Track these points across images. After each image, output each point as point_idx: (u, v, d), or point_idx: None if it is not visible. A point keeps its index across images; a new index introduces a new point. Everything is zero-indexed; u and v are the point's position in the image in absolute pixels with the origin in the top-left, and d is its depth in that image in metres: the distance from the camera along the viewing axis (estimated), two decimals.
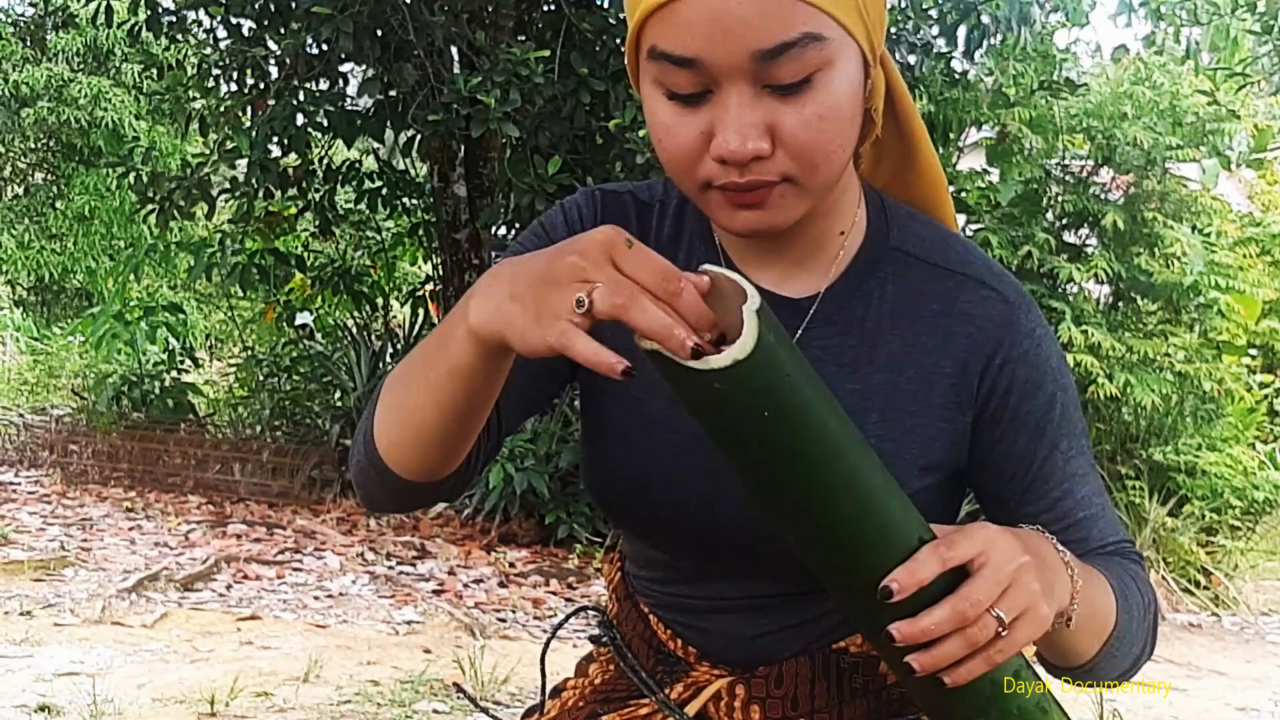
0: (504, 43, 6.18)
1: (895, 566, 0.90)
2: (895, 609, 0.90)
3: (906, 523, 0.93)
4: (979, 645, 0.92)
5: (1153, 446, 6.76)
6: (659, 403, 1.22)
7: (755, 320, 0.82)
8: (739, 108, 1.03)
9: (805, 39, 1.01)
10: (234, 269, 7.35)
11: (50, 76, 13.60)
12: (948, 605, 0.91)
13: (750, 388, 0.84)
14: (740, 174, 1.05)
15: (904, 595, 0.90)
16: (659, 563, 1.29)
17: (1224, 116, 7.20)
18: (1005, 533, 0.96)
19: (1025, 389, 1.18)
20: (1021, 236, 6.85)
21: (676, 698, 1.27)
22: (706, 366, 0.82)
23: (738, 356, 0.82)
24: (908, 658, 0.92)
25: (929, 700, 1.00)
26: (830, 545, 0.92)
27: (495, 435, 1.23)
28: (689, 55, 1.02)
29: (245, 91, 7.15)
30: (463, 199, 7.11)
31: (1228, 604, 6.40)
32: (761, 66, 1.01)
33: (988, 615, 0.91)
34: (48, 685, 3.87)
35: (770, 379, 0.84)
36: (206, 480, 7.58)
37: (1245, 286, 7.04)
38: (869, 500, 0.90)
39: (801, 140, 1.04)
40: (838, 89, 1.04)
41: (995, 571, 0.92)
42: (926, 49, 6.95)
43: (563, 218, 1.28)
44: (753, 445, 0.87)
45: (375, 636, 4.80)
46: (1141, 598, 1.18)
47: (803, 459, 0.88)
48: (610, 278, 0.87)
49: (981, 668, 0.93)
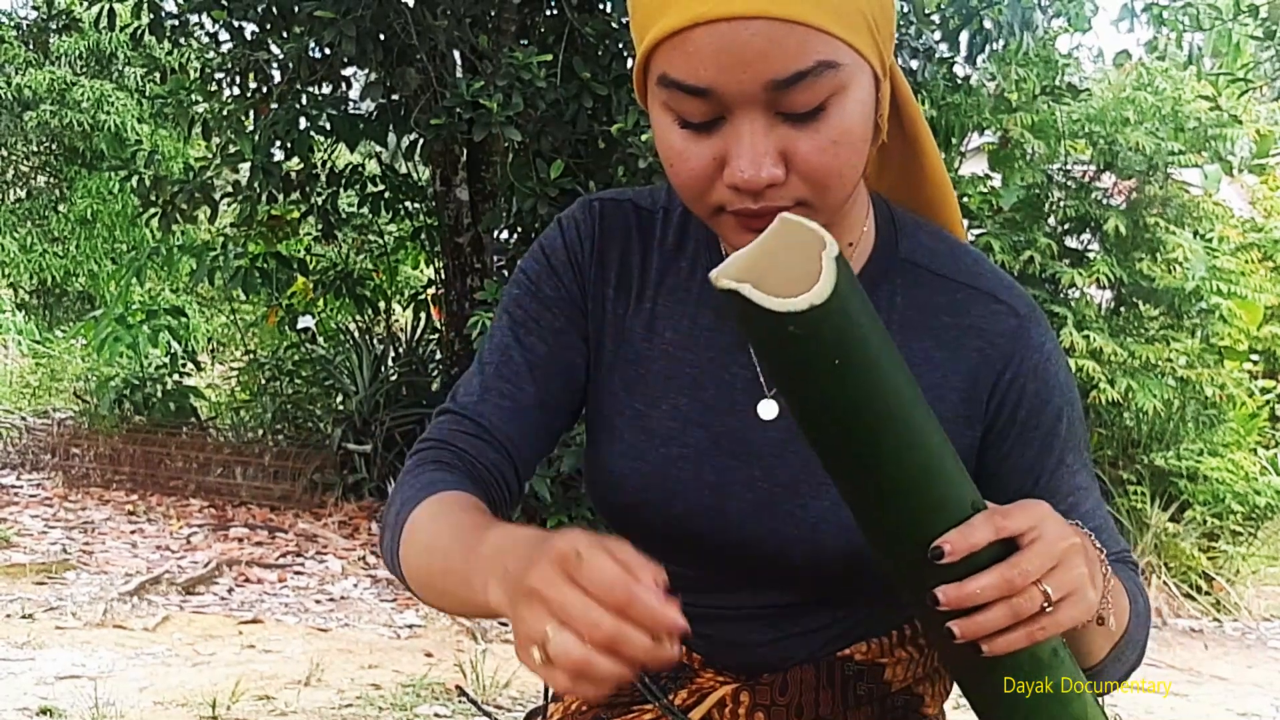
0: (506, 47, 6.18)
1: (949, 529, 0.90)
2: (943, 572, 0.90)
3: (962, 487, 0.93)
4: (1022, 617, 0.91)
5: (1154, 452, 6.76)
6: (662, 415, 1.22)
7: (834, 267, 0.82)
8: (753, 136, 1.02)
9: (820, 67, 1.00)
10: (236, 272, 7.34)
11: (53, 80, 13.59)
12: (996, 572, 0.90)
13: (824, 334, 0.83)
14: (754, 201, 1.05)
15: (955, 558, 0.89)
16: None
17: (1226, 122, 7.20)
18: (1057, 515, 0.96)
19: (1034, 403, 1.18)
20: (1023, 241, 6.85)
21: (681, 704, 1.27)
22: (784, 308, 0.82)
23: (814, 301, 0.81)
24: (949, 623, 0.91)
25: (963, 669, 0.99)
26: (887, 501, 0.91)
27: (518, 494, 1.25)
28: (702, 85, 1.02)
29: (248, 95, 7.15)
30: (465, 203, 7.10)
31: (1229, 609, 6.39)
32: (775, 95, 1.01)
33: (1034, 588, 0.91)
34: (49, 688, 3.87)
35: (844, 327, 0.84)
36: (208, 484, 7.58)
37: (1247, 292, 7.04)
38: (929, 460, 0.90)
39: (815, 165, 1.04)
40: (851, 113, 1.04)
41: (1046, 547, 0.92)
42: (929, 54, 6.95)
43: (561, 239, 1.27)
44: (821, 393, 0.86)
45: (377, 640, 4.80)
46: (1145, 606, 1.19)
47: (869, 411, 0.87)
48: (566, 603, 0.83)
49: (1021, 641, 0.92)
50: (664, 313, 1.24)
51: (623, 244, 1.27)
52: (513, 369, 1.24)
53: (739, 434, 1.21)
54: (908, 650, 1.27)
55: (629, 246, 1.27)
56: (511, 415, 1.23)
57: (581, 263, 1.26)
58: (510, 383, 1.24)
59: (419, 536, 1.09)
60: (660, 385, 1.23)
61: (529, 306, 1.26)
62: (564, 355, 1.25)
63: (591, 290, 1.26)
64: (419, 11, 6.11)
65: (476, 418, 1.23)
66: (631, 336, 1.25)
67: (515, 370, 1.24)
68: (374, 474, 7.41)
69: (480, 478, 1.21)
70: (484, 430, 1.22)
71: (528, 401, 1.23)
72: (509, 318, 1.27)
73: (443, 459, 1.21)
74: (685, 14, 1.00)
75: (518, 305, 1.27)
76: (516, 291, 1.27)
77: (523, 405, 1.23)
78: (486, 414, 1.23)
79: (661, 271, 1.25)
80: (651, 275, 1.25)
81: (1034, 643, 0.93)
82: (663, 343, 1.23)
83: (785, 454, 1.19)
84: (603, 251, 1.26)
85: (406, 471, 1.21)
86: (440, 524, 1.08)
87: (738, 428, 1.21)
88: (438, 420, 1.25)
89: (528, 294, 1.26)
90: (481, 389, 1.24)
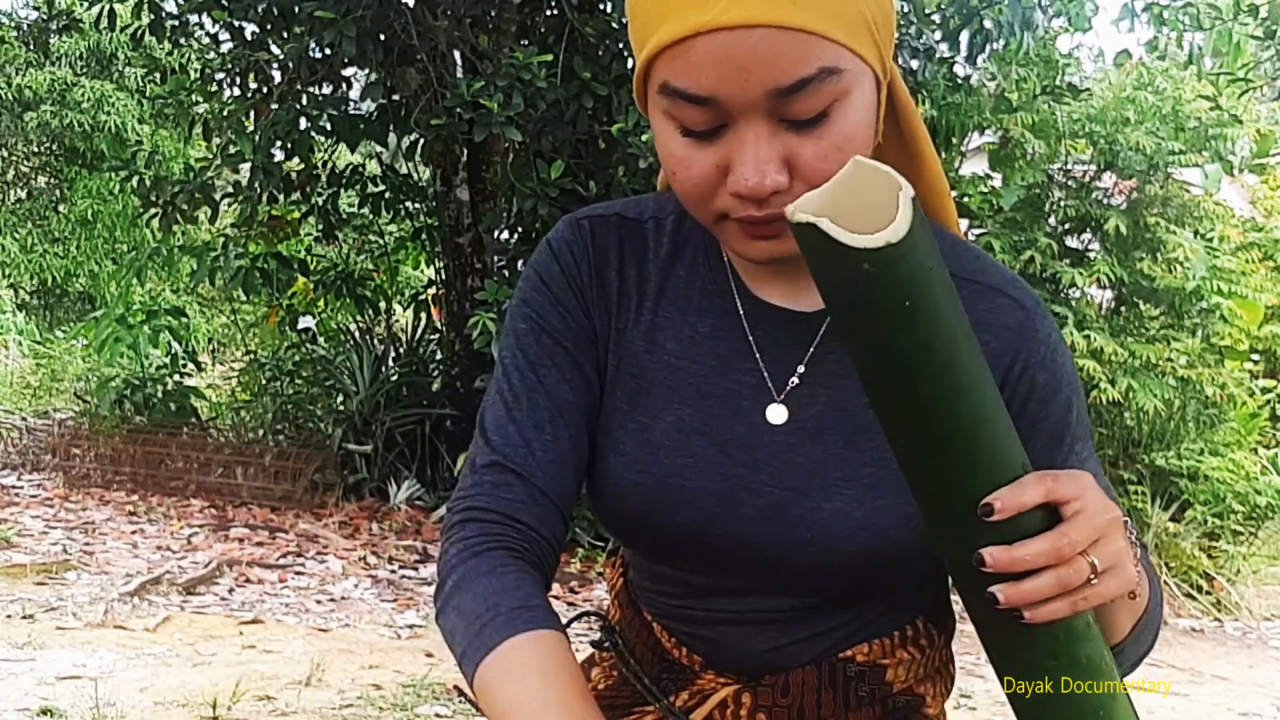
0: (507, 47, 6.19)
1: (999, 488, 0.89)
2: (990, 531, 0.89)
3: (1014, 447, 0.92)
4: (1069, 588, 0.90)
5: (1155, 451, 6.76)
6: (665, 426, 1.21)
7: (910, 206, 0.82)
8: (756, 143, 1.02)
9: (823, 74, 1.00)
10: (237, 273, 7.34)
11: (53, 80, 13.61)
12: (1046, 540, 0.89)
13: (898, 273, 0.82)
14: (758, 208, 1.05)
15: (1004, 515, 0.88)
16: (667, 577, 1.28)
17: (1226, 121, 7.20)
18: (1098, 486, 0.95)
19: (1044, 394, 1.18)
20: (1024, 241, 6.85)
21: (681, 705, 1.27)
22: (861, 244, 0.81)
23: (891, 239, 0.81)
24: (994, 587, 0.90)
25: (1000, 636, 0.98)
26: (942, 451, 0.90)
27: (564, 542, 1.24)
28: (704, 94, 1.01)
29: (248, 96, 7.16)
30: (465, 203, 7.11)
31: (1230, 609, 6.40)
32: (778, 103, 1.01)
33: (1081, 559, 0.90)
34: (50, 689, 3.87)
35: (916, 268, 0.83)
36: (209, 484, 7.58)
37: (1248, 291, 7.05)
38: (983, 414, 0.89)
39: (819, 171, 1.03)
40: (854, 118, 1.04)
41: (1091, 518, 0.91)
42: (929, 54, 6.95)
43: (556, 264, 1.25)
44: (889, 333, 0.85)
45: (378, 640, 4.80)
46: (1160, 589, 1.18)
47: (933, 355, 0.86)
48: None
49: (1065, 611, 0.91)
50: (664, 323, 1.23)
51: (617, 260, 1.25)
52: (544, 414, 1.22)
53: (745, 440, 1.20)
54: (909, 651, 1.27)
55: (623, 261, 1.26)
56: (558, 469, 1.21)
57: (582, 286, 1.25)
58: (548, 432, 1.21)
59: (509, 680, 1.05)
60: (663, 396, 1.22)
61: (543, 343, 1.24)
62: (583, 392, 1.24)
63: (596, 310, 1.25)
64: (419, 12, 6.11)
65: (530, 477, 1.20)
66: (633, 349, 1.24)
67: (548, 416, 1.22)
68: (375, 474, 7.42)
69: (542, 556, 1.19)
70: (539, 494, 1.20)
71: (564, 449, 1.22)
72: (524, 357, 1.24)
73: (513, 543, 1.17)
74: (686, 23, 1.00)
75: (531, 341, 1.25)
76: (524, 327, 1.25)
77: (562, 454, 1.21)
78: (538, 473, 1.20)
79: (659, 283, 1.24)
80: (650, 287, 1.25)
81: (1075, 613, 0.92)
82: (664, 353, 1.23)
83: (793, 457, 1.19)
84: (600, 269, 1.25)
85: (479, 549, 1.16)
86: (540, 685, 1.04)
87: (744, 434, 1.20)
88: (486, 478, 1.21)
89: (535, 329, 1.24)
90: (524, 440, 1.21)
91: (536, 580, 1.15)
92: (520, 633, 1.06)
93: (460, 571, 1.15)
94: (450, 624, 1.13)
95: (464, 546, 1.17)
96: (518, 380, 1.23)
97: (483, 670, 1.06)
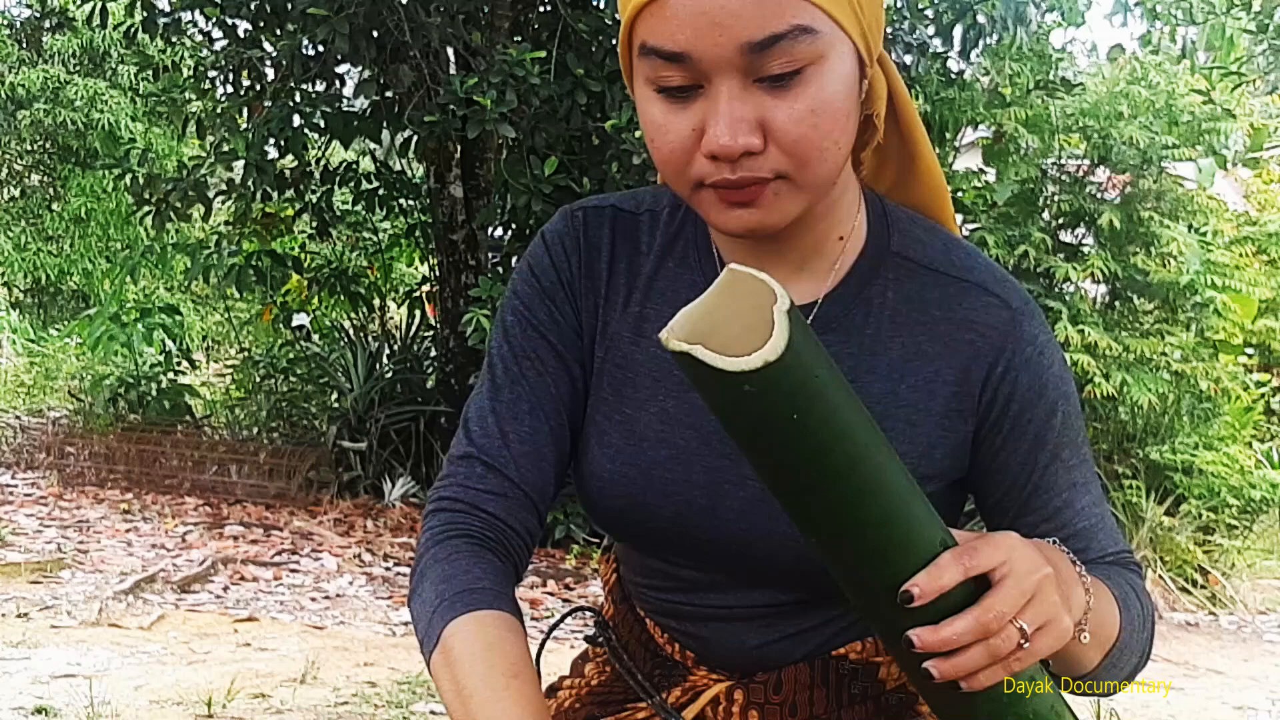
0: (500, 44, 6.18)
1: (917, 571, 0.89)
2: (915, 614, 0.90)
3: (929, 528, 0.92)
4: (1001, 656, 0.91)
5: (1149, 446, 6.77)
6: (650, 418, 1.21)
7: (786, 321, 0.81)
8: (729, 102, 1.02)
9: (795, 31, 1.00)
10: (231, 270, 7.33)
11: (46, 78, 13.58)
12: (971, 616, 0.90)
13: (780, 390, 0.82)
14: (732, 170, 1.05)
15: (925, 601, 0.89)
16: (657, 571, 1.28)
17: (1220, 115, 7.21)
18: (1026, 543, 0.96)
19: (1027, 397, 1.17)
20: (1018, 236, 6.86)
21: (674, 702, 1.27)
22: (737, 368, 0.80)
23: (769, 358, 0.80)
24: (926, 664, 0.91)
25: (942, 703, 0.99)
26: (852, 548, 0.91)
27: (540, 534, 1.26)
28: (678, 50, 1.02)
29: (241, 93, 7.14)
30: (459, 200, 7.11)
31: (1225, 603, 6.40)
32: (751, 60, 1.01)
33: (1011, 626, 0.90)
34: (45, 687, 3.87)
35: (800, 381, 0.83)
36: (203, 482, 7.57)
37: (1242, 285, 7.06)
38: (893, 504, 0.89)
39: (793, 136, 1.03)
40: (830, 85, 1.04)
41: (1018, 582, 0.91)
42: (923, 49, 6.96)
43: (548, 257, 1.27)
44: (779, 447, 0.86)
45: (373, 638, 4.80)
46: (1142, 609, 1.18)
47: (829, 461, 0.86)
48: None
49: (1000, 675, 0.92)
50: (652, 315, 1.23)
51: (609, 251, 1.26)
52: (524, 406, 1.24)
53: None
54: None
55: (615, 253, 1.26)
56: (533, 461, 1.23)
57: (571, 278, 1.26)
58: (526, 424, 1.23)
59: (446, 671, 1.08)
60: (649, 388, 1.22)
61: (529, 336, 1.25)
62: (566, 386, 1.25)
63: (583, 303, 1.26)
64: (412, 9, 6.10)
65: (502, 468, 1.22)
66: (620, 341, 1.24)
67: (528, 409, 1.24)
68: (369, 471, 7.42)
69: (509, 545, 1.21)
70: (510, 485, 1.22)
71: (542, 442, 1.23)
72: (509, 348, 1.26)
73: (473, 530, 1.20)
74: None
75: (518, 333, 1.26)
76: (511, 319, 1.27)
77: (540, 447, 1.23)
78: (511, 464, 1.22)
79: (650, 275, 1.25)
80: (640, 280, 1.25)
81: (1012, 674, 0.93)
82: (650, 345, 1.23)
83: None
84: (589, 263, 1.26)
85: (439, 538, 1.19)
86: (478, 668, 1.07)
87: None
88: (460, 469, 1.24)
89: (522, 322, 1.26)
90: (500, 432, 1.23)
91: (491, 563, 1.17)
92: (459, 615, 1.10)
93: (423, 561, 1.18)
94: (414, 614, 1.16)
95: (429, 536, 1.20)
96: (501, 372, 1.25)
97: (432, 661, 1.10)
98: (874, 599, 0.92)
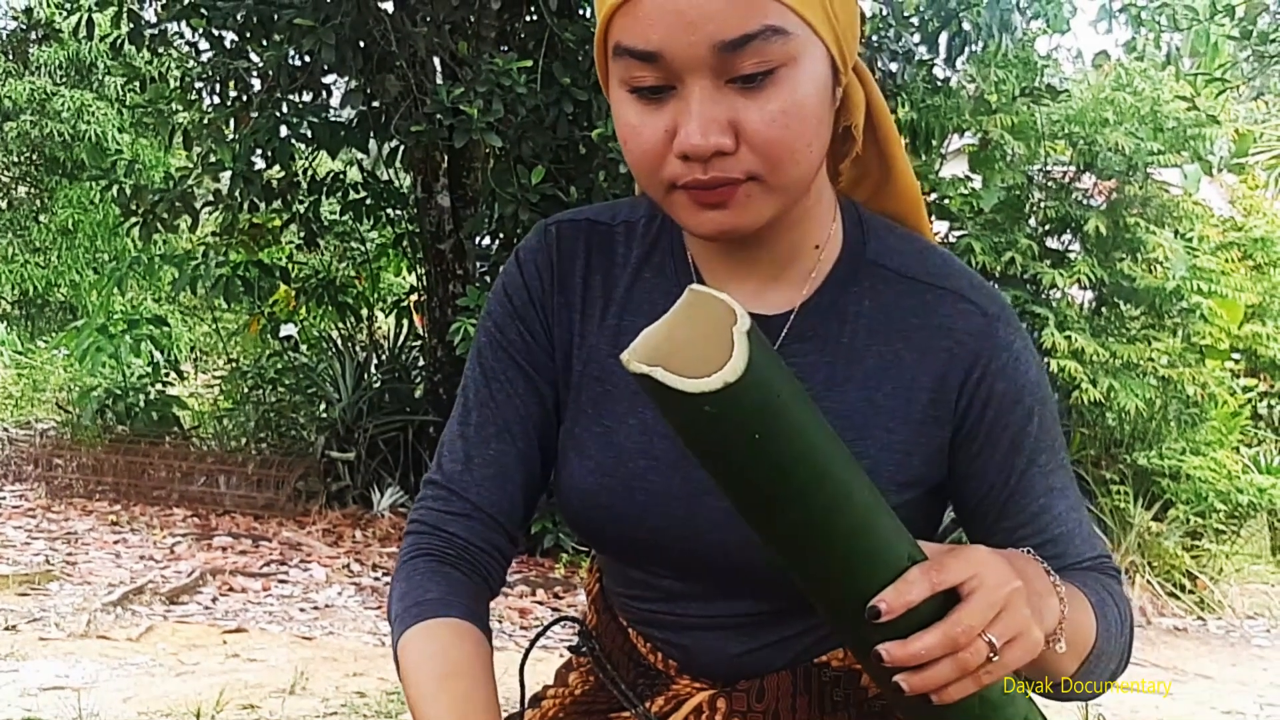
0: (486, 53, 6.18)
1: (884, 587, 0.90)
2: (884, 629, 0.90)
3: (897, 543, 0.92)
4: (970, 670, 0.91)
5: (1137, 451, 6.78)
6: (629, 430, 1.22)
7: (746, 342, 0.81)
8: (701, 102, 1.03)
9: (767, 31, 1.01)
10: (218, 281, 7.33)
11: (33, 90, 13.56)
12: (939, 630, 0.90)
13: (741, 410, 0.82)
14: (704, 170, 1.05)
15: (892, 616, 0.89)
16: (638, 582, 1.28)
17: (1205, 121, 7.24)
18: (996, 555, 0.96)
19: (1003, 403, 1.18)
20: (1004, 243, 6.88)
21: (657, 710, 1.27)
22: (697, 389, 0.81)
23: (729, 379, 0.80)
24: (897, 678, 0.91)
25: (915, 715, 1.00)
26: (819, 565, 0.91)
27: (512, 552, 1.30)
28: (651, 49, 1.02)
29: (228, 104, 7.14)
30: (446, 209, 7.10)
31: (1213, 608, 6.42)
32: (724, 59, 1.01)
33: (979, 640, 0.91)
34: (33, 699, 3.86)
35: (761, 401, 0.83)
36: (191, 493, 7.56)
37: (1228, 291, 7.08)
38: (858, 520, 0.90)
39: (765, 137, 1.04)
40: (802, 87, 1.04)
41: (987, 596, 0.92)
42: (908, 56, 6.97)
43: (520, 276, 1.28)
44: (742, 467, 0.86)
45: (362, 648, 4.80)
46: (1119, 616, 1.18)
47: (793, 479, 0.86)
48: None
49: (970, 688, 0.92)
50: (629, 327, 1.23)
51: (583, 266, 1.26)
52: (491, 429, 1.26)
53: None
54: None
55: (590, 266, 1.26)
56: (497, 484, 1.25)
57: (543, 297, 1.27)
58: (492, 447, 1.25)
59: (402, 681, 1.15)
60: (627, 400, 1.23)
61: (499, 358, 1.27)
62: (535, 407, 1.27)
63: (556, 319, 1.26)
64: (398, 18, 6.11)
65: (463, 493, 1.25)
66: (597, 354, 1.25)
67: (495, 431, 1.26)
68: (358, 481, 7.41)
69: (475, 561, 1.25)
70: (472, 508, 1.25)
71: (509, 463, 1.26)
72: (481, 370, 1.28)
73: (434, 549, 1.25)
74: None
75: (489, 355, 1.28)
76: (484, 340, 1.28)
77: (507, 469, 1.26)
78: (472, 488, 1.25)
79: (627, 287, 1.25)
80: (616, 292, 1.25)
81: (982, 687, 0.93)
82: None
83: None
84: (563, 277, 1.26)
85: (403, 560, 1.25)
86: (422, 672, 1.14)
87: None
88: (427, 493, 1.28)
89: (494, 343, 1.28)
90: (465, 457, 1.26)
91: (449, 576, 1.23)
92: (410, 627, 1.17)
93: (392, 583, 1.25)
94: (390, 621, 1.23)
95: (399, 560, 1.26)
96: (473, 395, 1.28)
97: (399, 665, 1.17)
98: (842, 615, 0.93)
